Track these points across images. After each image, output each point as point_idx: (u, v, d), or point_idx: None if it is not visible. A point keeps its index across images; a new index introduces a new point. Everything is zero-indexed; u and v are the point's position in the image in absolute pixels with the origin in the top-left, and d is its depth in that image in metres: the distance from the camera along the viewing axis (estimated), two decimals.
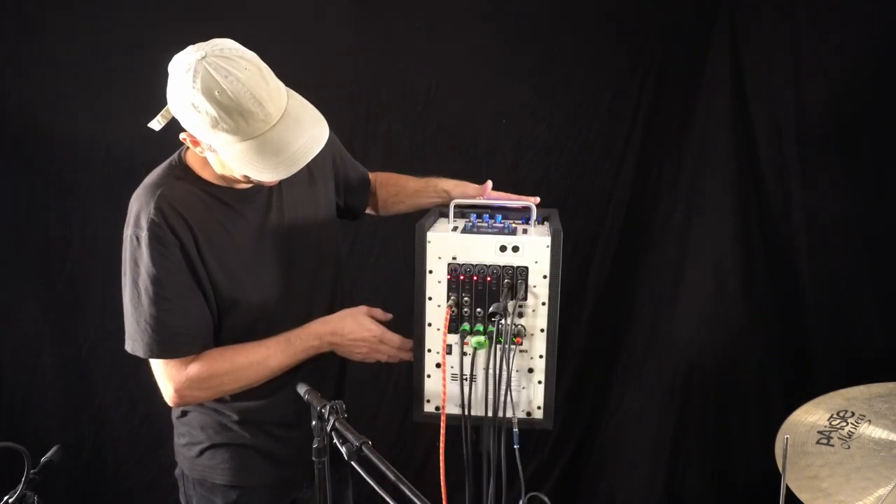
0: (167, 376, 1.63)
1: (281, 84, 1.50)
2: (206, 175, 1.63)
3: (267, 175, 1.49)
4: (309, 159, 1.49)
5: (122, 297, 1.62)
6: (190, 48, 1.47)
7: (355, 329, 1.69)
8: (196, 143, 1.52)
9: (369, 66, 2.68)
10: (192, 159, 1.64)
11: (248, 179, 1.57)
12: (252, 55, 1.48)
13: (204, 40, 1.49)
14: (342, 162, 1.95)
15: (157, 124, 1.55)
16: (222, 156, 1.49)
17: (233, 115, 1.41)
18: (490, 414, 1.63)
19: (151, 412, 2.70)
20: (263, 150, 1.45)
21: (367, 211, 2.10)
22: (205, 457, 1.77)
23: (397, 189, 2.05)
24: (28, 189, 2.65)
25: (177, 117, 1.50)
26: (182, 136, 1.54)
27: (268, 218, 1.70)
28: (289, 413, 1.73)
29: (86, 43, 2.57)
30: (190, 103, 1.42)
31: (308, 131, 1.49)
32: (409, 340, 1.71)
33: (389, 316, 1.77)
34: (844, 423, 1.71)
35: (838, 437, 1.67)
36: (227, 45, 1.47)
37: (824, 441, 1.67)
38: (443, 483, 1.67)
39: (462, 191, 1.90)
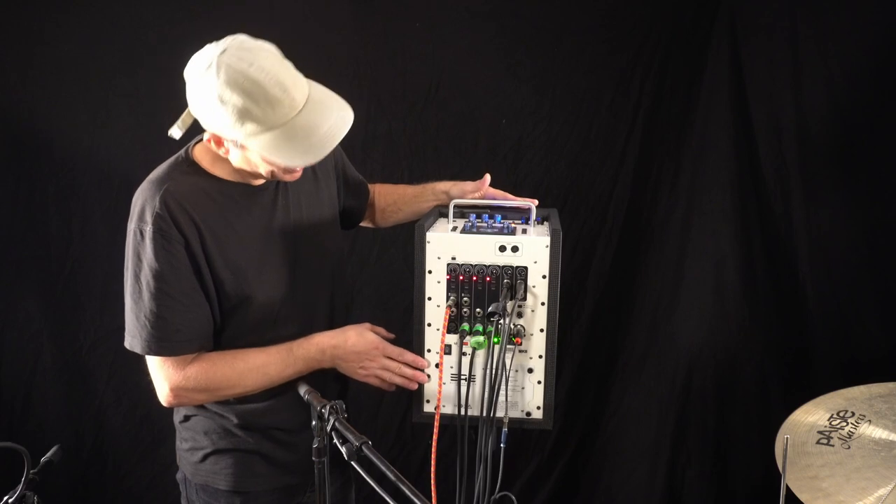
0: (164, 375, 1.61)
1: (300, 73, 1.51)
2: (214, 171, 1.61)
3: (298, 160, 1.50)
4: (338, 140, 1.50)
5: (124, 292, 1.61)
6: (205, 48, 1.47)
7: (358, 341, 1.67)
8: (220, 142, 1.52)
9: (369, 66, 2.68)
10: (199, 155, 1.63)
11: (271, 175, 1.57)
12: (270, 44, 1.49)
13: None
14: (343, 164, 1.94)
15: (177, 131, 1.55)
16: (251, 148, 1.48)
17: (260, 103, 1.42)
18: (483, 413, 1.63)
19: (151, 412, 2.70)
20: (293, 136, 1.46)
21: (365, 224, 2.09)
22: (208, 462, 1.75)
23: (395, 197, 2.04)
24: (28, 189, 2.65)
25: (199, 118, 1.50)
26: (206, 137, 1.54)
27: (274, 215, 1.69)
28: (293, 417, 1.72)
29: (86, 43, 2.56)
30: (216, 97, 1.42)
31: (334, 113, 1.50)
32: (420, 359, 1.69)
33: (392, 336, 1.74)
34: (844, 423, 1.71)
35: (838, 437, 1.67)
36: (243, 37, 1.48)
37: (824, 441, 1.67)
38: (433, 482, 1.67)
39: (460, 189, 1.88)
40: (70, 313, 2.73)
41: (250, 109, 1.42)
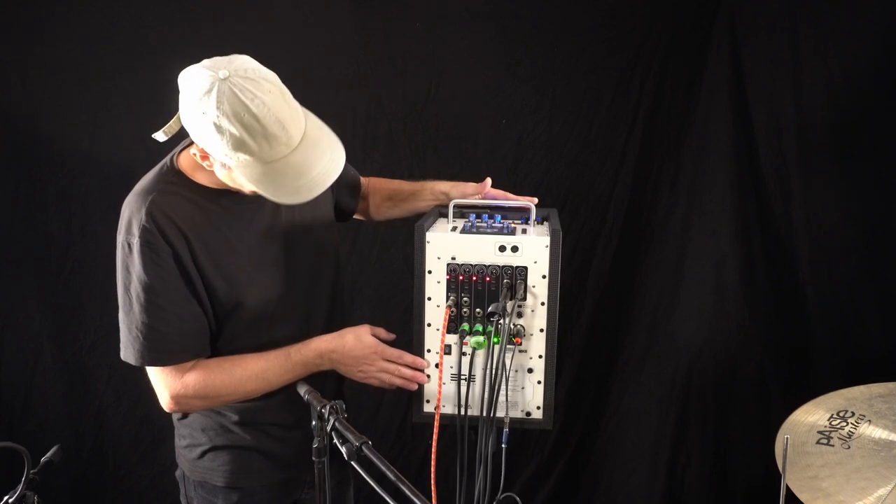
0: (163, 384, 1.62)
1: (298, 104, 1.49)
2: (199, 179, 1.60)
3: (287, 198, 1.48)
4: (329, 184, 1.48)
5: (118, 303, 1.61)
6: (205, 66, 1.43)
7: (355, 345, 1.67)
8: (206, 157, 1.50)
9: (369, 66, 2.68)
10: (184, 163, 1.61)
11: (253, 193, 1.54)
12: (273, 76, 1.46)
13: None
14: None
15: (162, 136, 1.53)
16: (239, 175, 1.47)
17: (257, 138, 1.40)
18: (483, 413, 1.63)
19: (151, 412, 2.69)
20: (284, 174, 1.45)
21: (358, 216, 2.07)
22: (206, 459, 1.76)
23: (390, 192, 2.02)
24: (28, 189, 2.65)
25: (191, 134, 1.48)
26: (192, 151, 1.53)
27: (265, 219, 1.68)
28: (289, 414, 1.73)
29: (87, 43, 2.56)
30: (212, 124, 1.40)
31: (327, 154, 1.49)
32: (420, 359, 1.69)
33: (392, 336, 1.74)
34: (844, 423, 1.71)
35: (838, 437, 1.67)
36: (249, 64, 1.44)
37: (824, 441, 1.67)
38: (433, 482, 1.67)
39: (461, 191, 1.88)
40: (70, 313, 2.73)
41: (247, 142, 1.40)
